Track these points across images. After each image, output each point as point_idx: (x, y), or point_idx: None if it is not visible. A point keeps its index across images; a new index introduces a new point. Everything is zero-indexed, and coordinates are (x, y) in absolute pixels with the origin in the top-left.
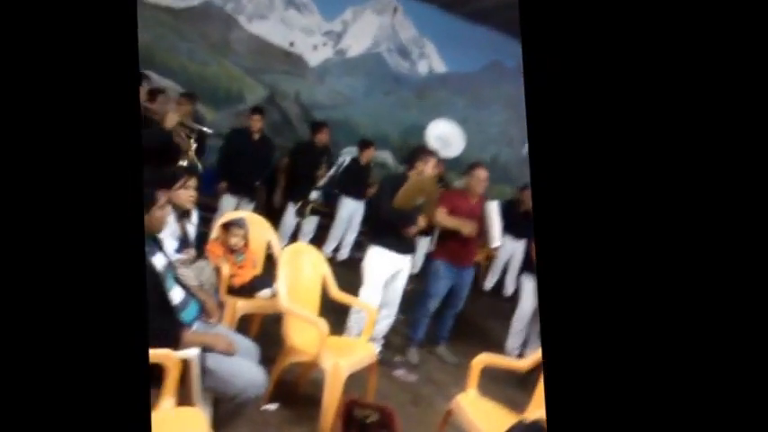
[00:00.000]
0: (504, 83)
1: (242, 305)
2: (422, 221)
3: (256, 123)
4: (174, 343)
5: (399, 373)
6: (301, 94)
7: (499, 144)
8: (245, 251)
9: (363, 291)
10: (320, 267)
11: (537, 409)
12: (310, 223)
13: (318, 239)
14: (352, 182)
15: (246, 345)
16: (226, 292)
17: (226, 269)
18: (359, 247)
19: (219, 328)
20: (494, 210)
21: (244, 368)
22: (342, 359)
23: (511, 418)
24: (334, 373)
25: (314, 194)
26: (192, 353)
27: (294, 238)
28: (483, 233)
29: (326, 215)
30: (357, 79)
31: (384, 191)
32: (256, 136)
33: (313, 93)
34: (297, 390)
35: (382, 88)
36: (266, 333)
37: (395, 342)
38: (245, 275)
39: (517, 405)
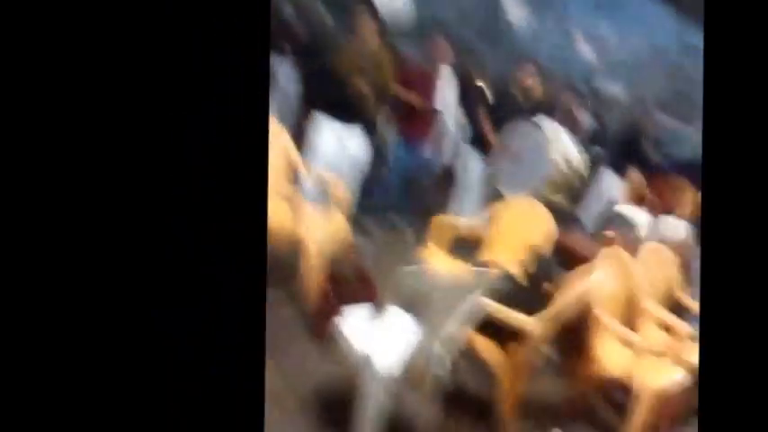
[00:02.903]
0: None
1: None
2: (365, 89)
3: None
4: None
5: (359, 240)
6: None
7: (448, 10)
8: None
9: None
10: (285, 140)
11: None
12: None
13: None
14: None
15: None
16: None
17: None
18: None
19: None
20: (452, 85)
21: None
22: (318, 231)
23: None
24: (313, 242)
25: None
26: None
27: None
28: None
29: None
30: None
31: (325, 54)
32: None
33: None
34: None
35: None
36: None
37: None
38: None
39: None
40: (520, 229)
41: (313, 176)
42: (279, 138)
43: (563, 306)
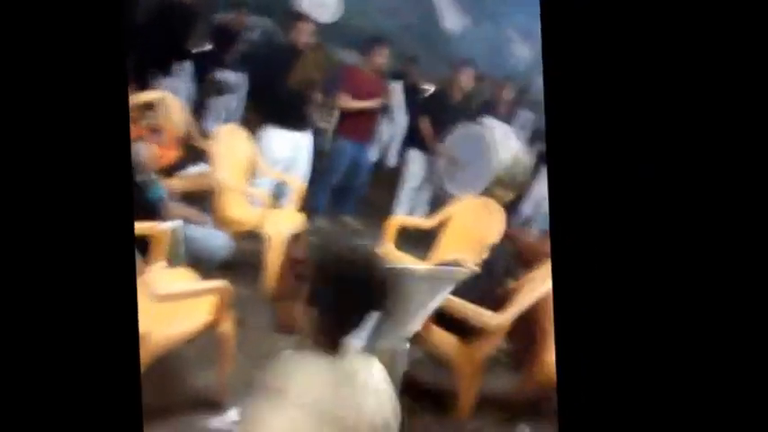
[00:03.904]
0: None
1: (176, 183)
2: (318, 97)
3: None
4: (160, 216)
5: (313, 239)
6: None
7: (383, 14)
8: (164, 130)
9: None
10: (248, 145)
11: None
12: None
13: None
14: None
15: (203, 216)
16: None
17: (151, 149)
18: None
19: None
20: (397, 91)
21: (214, 235)
22: (280, 226)
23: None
24: (276, 236)
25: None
26: (176, 224)
27: None
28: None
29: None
30: None
31: (274, 67)
32: None
33: None
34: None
35: None
36: None
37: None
38: (170, 155)
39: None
40: (475, 227)
41: (272, 177)
42: (239, 141)
43: (524, 301)
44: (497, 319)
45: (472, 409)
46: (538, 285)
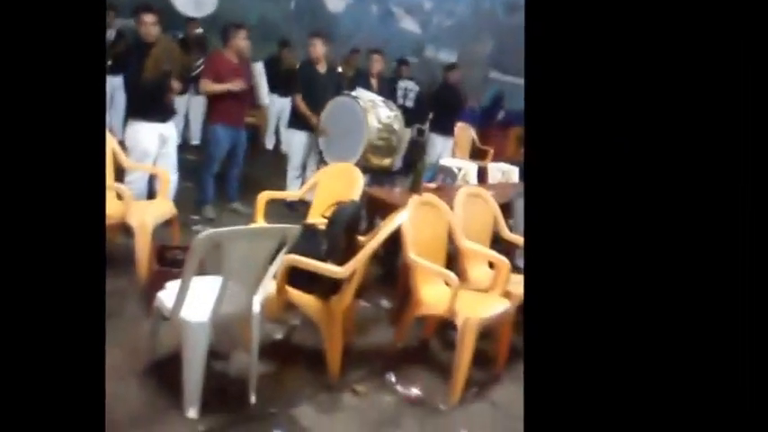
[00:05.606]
0: None
1: None
2: (175, 85)
3: None
4: None
5: (198, 228)
6: None
7: (265, 2)
8: None
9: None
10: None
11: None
12: None
13: None
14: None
15: None
16: None
17: None
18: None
19: None
20: (259, 71)
21: None
22: (145, 217)
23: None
24: (141, 226)
25: None
26: None
27: None
28: (252, 93)
29: None
30: None
31: (133, 65)
32: None
33: None
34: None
35: None
36: None
37: (188, 205)
38: None
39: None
40: (338, 190)
41: (140, 172)
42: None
43: (370, 250)
44: (342, 270)
45: (341, 363)
46: (382, 231)
